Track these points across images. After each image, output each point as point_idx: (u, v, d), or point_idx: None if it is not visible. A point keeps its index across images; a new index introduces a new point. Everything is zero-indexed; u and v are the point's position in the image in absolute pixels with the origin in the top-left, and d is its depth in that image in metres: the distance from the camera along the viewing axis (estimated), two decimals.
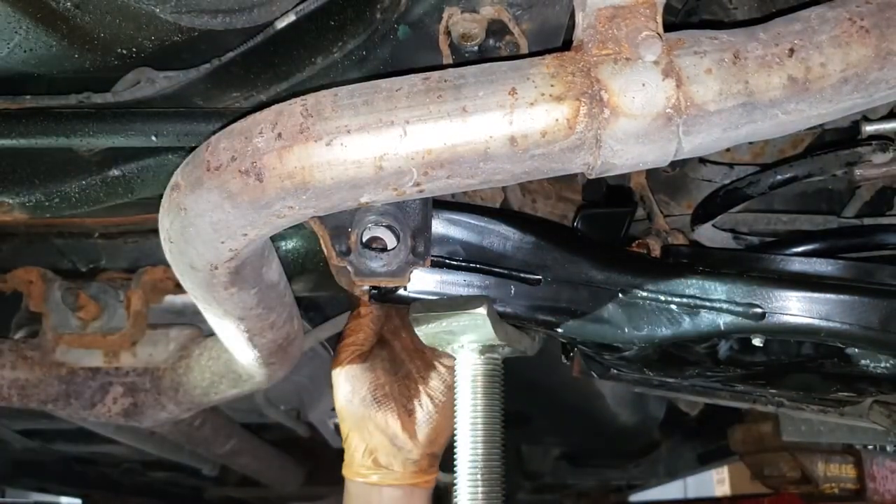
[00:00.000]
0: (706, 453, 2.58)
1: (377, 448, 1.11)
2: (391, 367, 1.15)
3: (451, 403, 1.12)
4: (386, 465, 1.11)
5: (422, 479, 1.13)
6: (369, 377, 1.12)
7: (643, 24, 0.68)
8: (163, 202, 0.75)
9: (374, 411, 1.10)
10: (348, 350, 1.14)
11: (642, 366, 1.11)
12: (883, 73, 0.67)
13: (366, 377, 1.12)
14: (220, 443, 2.02)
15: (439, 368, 1.14)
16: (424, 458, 1.13)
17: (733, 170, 1.19)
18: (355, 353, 1.13)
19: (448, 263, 0.91)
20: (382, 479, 1.11)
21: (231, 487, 3.35)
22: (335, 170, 0.66)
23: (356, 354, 1.13)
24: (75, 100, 0.89)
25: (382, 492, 1.11)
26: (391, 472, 1.11)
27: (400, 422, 1.10)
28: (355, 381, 1.11)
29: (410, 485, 1.12)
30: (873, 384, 1.08)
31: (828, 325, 0.87)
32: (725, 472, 5.53)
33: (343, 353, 1.14)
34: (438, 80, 0.67)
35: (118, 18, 0.82)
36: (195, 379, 1.25)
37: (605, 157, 0.68)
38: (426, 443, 1.12)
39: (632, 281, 0.91)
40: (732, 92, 0.66)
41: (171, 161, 0.99)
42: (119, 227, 1.19)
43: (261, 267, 0.86)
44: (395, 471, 1.11)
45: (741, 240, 1.15)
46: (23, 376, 1.24)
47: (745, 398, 1.27)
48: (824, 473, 1.79)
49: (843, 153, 1.00)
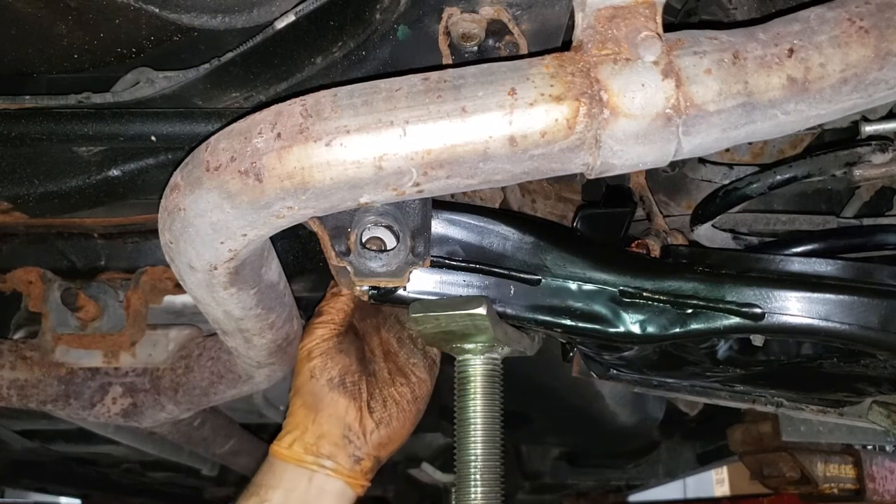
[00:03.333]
0: (705, 453, 2.58)
1: (326, 434, 1.05)
2: (360, 358, 1.11)
3: (412, 415, 1.10)
4: (329, 455, 1.05)
5: (358, 480, 1.07)
6: (343, 360, 1.08)
7: (643, 25, 0.68)
8: (162, 202, 0.75)
9: (339, 395, 1.06)
10: (326, 327, 1.09)
11: (642, 366, 1.12)
12: (882, 73, 0.67)
13: (339, 359, 1.07)
14: (219, 443, 2.01)
15: (411, 377, 1.10)
16: (369, 460, 1.08)
17: (733, 170, 1.19)
18: (333, 332, 1.09)
19: (448, 263, 0.91)
20: (323, 468, 1.04)
21: (231, 488, 3.35)
22: (334, 170, 0.66)
23: (333, 333, 1.09)
24: (75, 100, 0.89)
25: (314, 478, 1.05)
26: (333, 464, 1.05)
27: (360, 415, 1.06)
28: (328, 359, 1.07)
29: (346, 481, 1.06)
30: (873, 384, 1.09)
31: (827, 325, 0.87)
32: (725, 473, 5.54)
33: (320, 328, 1.09)
34: (438, 81, 0.67)
35: (118, 18, 0.82)
36: (195, 379, 1.25)
37: (604, 157, 0.68)
38: (377, 444, 1.07)
39: (631, 281, 0.91)
40: (732, 92, 0.67)
41: (170, 161, 0.99)
42: (119, 227, 1.18)
43: (260, 267, 0.86)
44: (338, 463, 1.05)
45: (741, 240, 1.15)
46: (22, 376, 1.24)
47: (745, 398, 1.27)
48: (824, 473, 1.79)
49: (842, 153, 1.00)
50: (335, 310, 1.10)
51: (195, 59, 0.87)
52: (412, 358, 1.11)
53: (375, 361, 1.12)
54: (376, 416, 1.07)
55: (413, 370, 1.11)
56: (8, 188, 1.01)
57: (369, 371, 1.10)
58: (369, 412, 1.07)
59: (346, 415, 1.06)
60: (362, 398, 1.07)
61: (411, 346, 1.12)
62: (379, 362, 1.12)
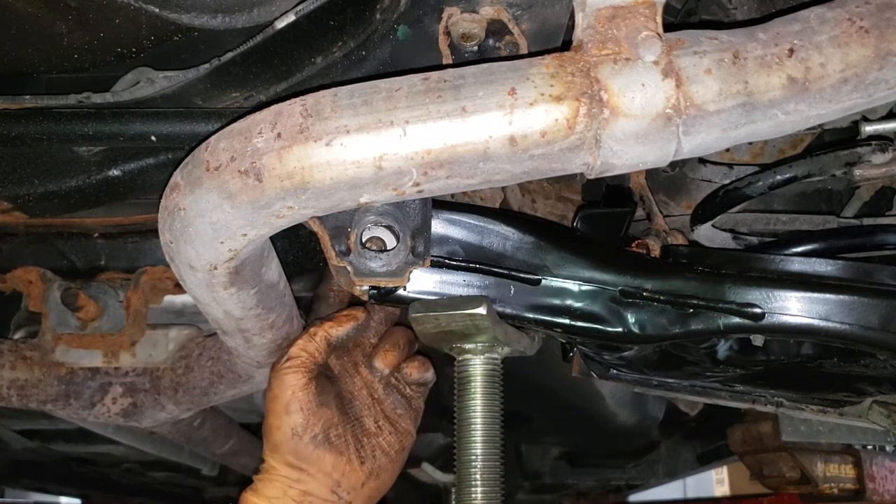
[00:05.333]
0: (705, 453, 2.58)
1: (313, 492, 0.97)
2: (340, 405, 1.02)
3: (399, 466, 1.06)
4: None
5: None
6: (325, 413, 0.99)
7: (643, 25, 0.68)
8: (162, 202, 0.75)
9: (325, 452, 0.98)
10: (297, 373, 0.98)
11: (642, 366, 1.12)
12: (882, 73, 0.67)
13: (321, 413, 0.98)
14: (219, 443, 2.01)
15: (398, 426, 1.05)
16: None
17: (733, 170, 1.19)
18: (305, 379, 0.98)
19: (448, 263, 0.91)
20: None
21: (231, 487, 3.35)
22: (335, 170, 0.66)
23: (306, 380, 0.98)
24: (75, 100, 0.89)
25: None
26: None
27: (349, 468, 0.99)
28: (309, 414, 0.97)
29: None
30: (873, 384, 1.08)
31: (827, 325, 0.87)
32: (725, 473, 5.54)
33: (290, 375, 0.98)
34: (438, 81, 0.67)
35: (118, 18, 0.82)
36: (194, 379, 1.25)
37: (604, 157, 0.68)
38: (367, 498, 1.02)
39: (631, 281, 0.91)
40: (732, 92, 0.67)
41: (170, 161, 0.99)
42: (119, 227, 1.19)
43: (260, 267, 0.86)
44: None
45: (740, 240, 1.15)
46: (22, 376, 1.24)
47: (745, 398, 1.27)
48: (824, 473, 1.79)
49: (842, 153, 1.00)
50: (306, 353, 0.99)
51: (195, 59, 0.87)
52: (398, 408, 1.07)
53: (357, 406, 1.04)
54: (367, 468, 1.01)
55: (399, 420, 1.06)
56: (8, 188, 1.01)
57: (351, 416, 1.03)
58: (360, 463, 1.01)
59: (333, 471, 0.99)
60: (350, 450, 1.00)
61: (397, 395, 1.07)
62: (363, 408, 1.04)
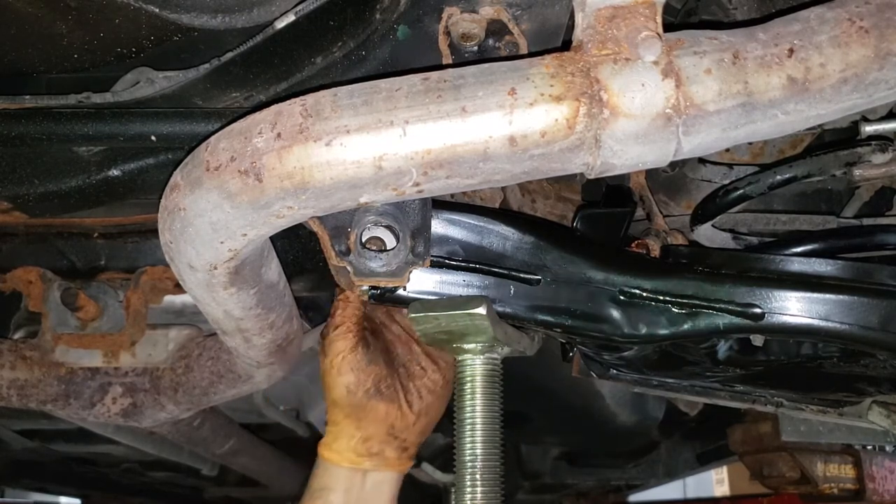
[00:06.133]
0: (705, 453, 2.58)
1: (373, 436, 1.11)
2: (387, 357, 1.14)
3: (446, 398, 1.16)
4: (378, 452, 1.12)
5: (407, 465, 1.16)
6: (374, 370, 1.10)
7: (643, 25, 0.68)
8: (162, 202, 0.75)
9: (377, 402, 1.10)
10: (346, 338, 1.09)
11: (642, 366, 1.12)
12: (882, 73, 0.67)
13: (371, 370, 1.10)
14: (219, 443, 2.02)
15: (440, 362, 1.14)
16: (413, 447, 1.15)
17: (733, 170, 1.19)
18: (354, 342, 1.10)
19: (447, 263, 0.91)
20: (375, 465, 1.12)
21: (231, 487, 3.35)
22: (334, 170, 0.66)
23: (355, 342, 1.10)
24: (75, 100, 0.89)
25: (367, 476, 1.13)
26: (383, 459, 1.13)
27: (400, 413, 1.11)
28: (360, 372, 1.09)
29: (396, 470, 1.14)
30: (873, 384, 1.09)
31: (827, 325, 0.87)
32: (725, 473, 5.54)
33: (339, 341, 1.10)
34: (438, 81, 0.67)
35: (118, 18, 0.82)
36: (194, 379, 1.25)
37: (604, 157, 0.68)
38: (419, 433, 1.14)
39: (631, 281, 0.91)
40: (732, 92, 0.67)
41: (170, 161, 0.99)
42: (119, 227, 1.19)
43: (260, 267, 0.86)
44: (388, 457, 1.13)
45: (740, 240, 1.15)
46: (22, 376, 1.24)
47: (745, 398, 1.27)
48: (823, 473, 1.79)
49: (842, 153, 1.00)
50: (348, 316, 1.11)
51: (195, 59, 0.87)
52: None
53: (401, 353, 1.15)
54: (416, 409, 1.12)
55: (440, 356, 1.14)
56: (8, 188, 1.01)
57: (398, 364, 1.14)
58: (409, 406, 1.12)
59: (387, 417, 1.11)
60: (400, 398, 1.11)
61: None
62: (405, 354, 1.15)
